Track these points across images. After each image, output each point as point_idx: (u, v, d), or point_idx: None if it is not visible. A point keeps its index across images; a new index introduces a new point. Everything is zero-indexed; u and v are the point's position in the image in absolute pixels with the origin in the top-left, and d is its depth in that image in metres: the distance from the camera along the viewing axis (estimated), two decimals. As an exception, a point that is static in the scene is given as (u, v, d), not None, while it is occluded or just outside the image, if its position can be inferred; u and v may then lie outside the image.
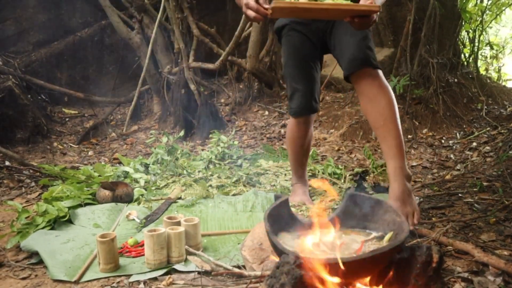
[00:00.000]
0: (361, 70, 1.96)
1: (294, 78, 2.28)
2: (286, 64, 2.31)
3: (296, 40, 2.22)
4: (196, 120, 4.54)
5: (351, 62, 1.97)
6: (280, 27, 2.28)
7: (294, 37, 2.22)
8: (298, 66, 2.26)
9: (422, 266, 1.13)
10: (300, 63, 2.25)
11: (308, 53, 2.24)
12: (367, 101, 1.97)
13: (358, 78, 1.99)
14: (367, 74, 1.95)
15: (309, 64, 2.25)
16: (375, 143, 3.85)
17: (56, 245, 1.96)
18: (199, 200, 2.63)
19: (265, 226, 1.24)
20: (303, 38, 2.21)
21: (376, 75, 1.97)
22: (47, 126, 4.38)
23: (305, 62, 2.25)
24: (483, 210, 2.19)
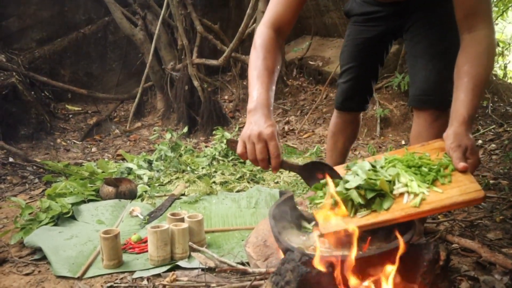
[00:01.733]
0: (427, 110, 1.72)
1: (349, 59, 2.03)
2: (343, 47, 2.08)
3: (361, 33, 1.97)
4: (200, 116, 4.53)
5: (417, 96, 1.74)
6: (347, 12, 2.05)
7: (361, 31, 1.97)
8: (355, 49, 2.00)
9: (429, 264, 1.11)
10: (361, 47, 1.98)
11: (372, 45, 1.98)
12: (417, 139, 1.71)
13: (420, 114, 1.76)
14: (432, 115, 1.71)
15: (371, 52, 1.99)
16: (379, 140, 3.84)
17: (59, 241, 1.96)
18: (203, 196, 2.62)
19: (270, 222, 1.22)
20: (371, 33, 1.94)
21: (441, 116, 1.69)
22: (51, 123, 4.39)
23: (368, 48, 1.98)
24: (490, 208, 2.16)
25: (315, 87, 5.09)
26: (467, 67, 1.39)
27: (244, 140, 1.30)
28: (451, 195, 1.18)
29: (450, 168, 1.26)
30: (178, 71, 4.85)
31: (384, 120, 4.01)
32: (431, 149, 1.38)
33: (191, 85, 4.62)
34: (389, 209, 1.18)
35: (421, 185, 1.22)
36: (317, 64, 5.21)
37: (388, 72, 4.53)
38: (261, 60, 1.43)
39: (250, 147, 1.28)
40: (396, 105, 4.13)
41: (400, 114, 4.04)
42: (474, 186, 1.19)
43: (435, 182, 1.24)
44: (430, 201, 1.18)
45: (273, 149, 1.26)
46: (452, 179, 1.23)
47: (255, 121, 1.30)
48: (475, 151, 1.29)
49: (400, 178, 1.25)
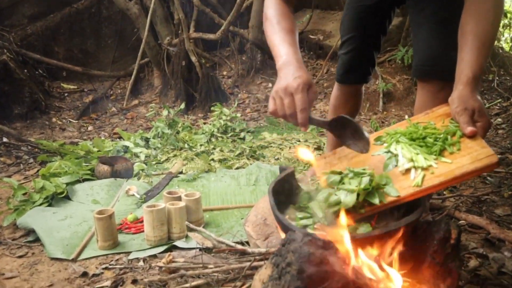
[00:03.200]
0: (431, 81, 1.62)
1: (349, 29, 1.92)
2: (343, 16, 1.97)
3: (362, 0, 1.86)
4: (198, 93, 4.42)
5: (421, 66, 1.64)
6: None
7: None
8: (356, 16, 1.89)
9: (440, 242, 1.04)
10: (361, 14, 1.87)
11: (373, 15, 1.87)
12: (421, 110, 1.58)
13: (424, 85, 1.66)
14: (436, 86, 1.60)
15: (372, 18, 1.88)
16: (382, 115, 3.74)
17: (53, 222, 1.90)
18: (201, 174, 2.55)
19: (270, 200, 1.15)
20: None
21: (445, 87, 1.56)
22: (46, 102, 4.28)
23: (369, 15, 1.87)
24: (497, 183, 2.09)
25: (316, 62, 4.95)
26: (472, 24, 1.28)
27: (273, 96, 1.24)
28: (461, 164, 1.08)
29: (458, 134, 1.16)
30: (175, 46, 4.70)
31: (387, 95, 3.91)
32: (436, 116, 1.28)
33: (189, 60, 4.49)
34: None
35: (427, 157, 1.13)
36: (318, 38, 5.06)
37: (391, 45, 4.38)
38: (277, 26, 1.37)
39: (278, 102, 1.22)
40: (399, 79, 4.01)
41: (403, 89, 3.93)
42: (486, 151, 1.08)
43: (443, 152, 1.14)
44: (439, 173, 1.09)
45: (298, 102, 1.18)
46: (461, 146, 1.13)
47: (284, 75, 1.23)
48: (483, 113, 1.18)
49: (404, 153, 1.16)
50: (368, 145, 1.16)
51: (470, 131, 1.13)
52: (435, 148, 1.14)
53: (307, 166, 2.67)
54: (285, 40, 1.32)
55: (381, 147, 1.25)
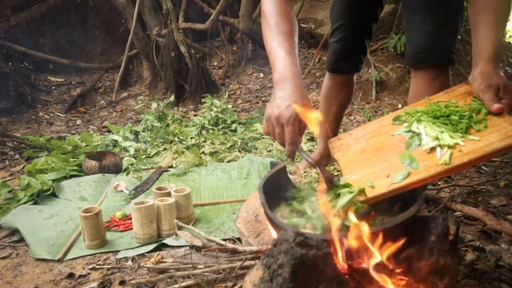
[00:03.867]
0: (425, 68, 1.58)
1: (339, 16, 1.87)
2: (334, 3, 1.92)
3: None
4: (188, 84, 4.33)
5: (414, 53, 1.59)
6: None
7: None
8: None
9: (438, 239, 1.00)
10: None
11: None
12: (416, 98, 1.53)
13: (418, 73, 1.61)
14: (431, 74, 1.57)
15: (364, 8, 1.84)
16: (375, 104, 3.70)
17: (38, 221, 1.84)
18: (192, 168, 2.49)
19: (260, 198, 1.10)
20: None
21: (440, 74, 1.56)
22: (32, 95, 4.18)
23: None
24: (492, 173, 2.06)
25: (307, 51, 4.88)
26: (483, 1, 1.21)
27: (266, 120, 1.19)
28: (490, 141, 1.03)
29: (483, 112, 1.11)
30: (164, 37, 4.60)
31: (380, 84, 3.86)
32: (456, 95, 1.23)
33: (178, 51, 4.40)
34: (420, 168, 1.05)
35: (454, 135, 1.07)
36: (309, 27, 4.98)
37: (383, 33, 4.32)
38: (275, 28, 1.28)
39: (271, 128, 1.18)
40: (392, 67, 3.96)
41: (396, 77, 3.88)
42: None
43: (469, 130, 1.08)
44: (467, 151, 1.03)
45: (288, 135, 1.13)
46: (488, 124, 1.08)
47: (279, 98, 1.16)
48: (508, 89, 1.13)
49: (428, 132, 1.11)
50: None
51: (497, 108, 1.09)
52: (461, 125, 1.09)
53: (300, 159, 2.63)
54: (283, 47, 1.24)
55: (401, 127, 1.20)
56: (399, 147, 1.15)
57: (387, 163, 1.13)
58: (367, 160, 1.19)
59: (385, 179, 1.09)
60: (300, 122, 1.15)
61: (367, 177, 1.13)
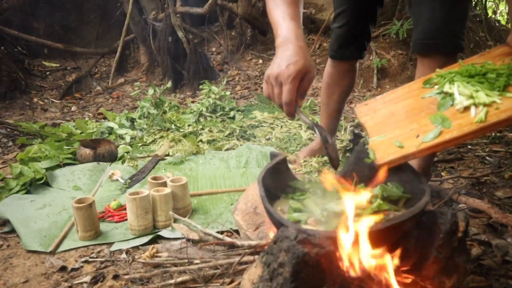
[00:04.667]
0: (433, 56, 1.50)
1: (342, 0, 1.81)
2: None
3: None
4: (186, 70, 4.25)
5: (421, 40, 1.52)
6: None
7: None
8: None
9: (446, 236, 0.95)
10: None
11: None
12: None
13: (424, 61, 1.54)
14: (438, 61, 1.47)
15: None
16: (376, 92, 3.63)
17: (30, 211, 1.78)
18: (189, 156, 2.44)
19: (259, 191, 1.05)
20: None
21: (447, 62, 1.45)
22: (26, 81, 4.09)
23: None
24: (496, 164, 2.01)
25: (307, 37, 4.79)
26: None
27: (266, 80, 1.14)
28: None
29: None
30: (161, 21, 4.49)
31: (381, 71, 3.78)
32: (493, 57, 1.15)
33: (175, 36, 4.30)
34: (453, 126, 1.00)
35: (490, 93, 1.01)
36: (310, 12, 4.88)
37: (385, 19, 4.23)
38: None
39: (270, 89, 1.13)
40: (394, 54, 3.88)
41: (398, 64, 3.81)
42: None
43: (507, 88, 1.01)
44: (505, 108, 0.97)
45: (285, 94, 1.08)
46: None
47: (280, 57, 1.11)
48: None
49: (461, 91, 1.04)
50: (336, 166, 1.09)
51: None
52: (499, 83, 1.02)
53: (300, 147, 2.57)
54: (287, 13, 1.19)
55: (432, 89, 1.14)
56: (431, 109, 1.09)
57: (417, 124, 1.07)
58: (395, 123, 1.13)
59: (414, 139, 1.03)
60: (301, 82, 1.09)
61: (396, 138, 1.07)
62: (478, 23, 4.53)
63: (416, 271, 0.98)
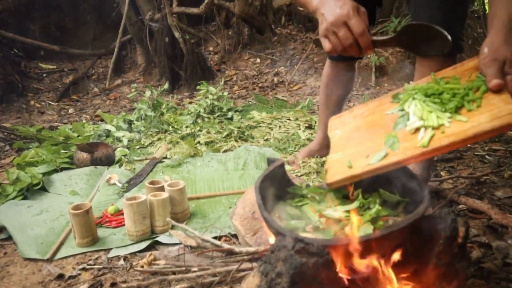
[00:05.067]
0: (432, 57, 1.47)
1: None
2: None
3: None
4: (183, 70, 4.23)
5: None
6: None
7: None
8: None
9: (446, 242, 0.94)
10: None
11: None
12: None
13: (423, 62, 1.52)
14: (437, 62, 1.43)
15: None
16: (374, 90, 3.61)
17: (27, 217, 1.77)
18: (187, 159, 2.42)
19: (256, 198, 1.03)
20: None
21: (447, 62, 1.43)
22: (22, 83, 4.06)
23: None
24: (496, 163, 2.00)
25: (305, 35, 4.77)
26: None
27: (325, 35, 1.13)
28: (477, 123, 0.94)
29: (482, 90, 1.00)
30: (157, 21, 4.47)
31: (379, 69, 3.77)
32: (464, 70, 1.12)
33: (172, 36, 4.28)
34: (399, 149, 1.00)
35: (441, 115, 0.99)
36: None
37: (383, 16, 4.20)
38: None
39: (333, 38, 1.12)
40: (392, 52, 3.86)
41: (396, 62, 3.79)
42: (509, 108, 0.92)
43: (460, 110, 1.00)
44: (450, 133, 0.96)
45: (355, 26, 1.08)
46: (483, 103, 0.98)
47: (326, 10, 1.12)
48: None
49: (415, 111, 1.04)
50: (447, 41, 1.07)
51: (495, 84, 0.97)
52: (451, 105, 1.01)
53: (298, 147, 2.56)
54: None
55: (396, 105, 1.14)
56: (389, 126, 1.09)
57: (372, 143, 1.08)
58: (356, 140, 1.14)
59: (364, 159, 1.04)
60: (359, 11, 1.10)
61: (350, 156, 1.08)
62: (476, 19, 4.50)
63: (416, 278, 0.97)
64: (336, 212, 1.00)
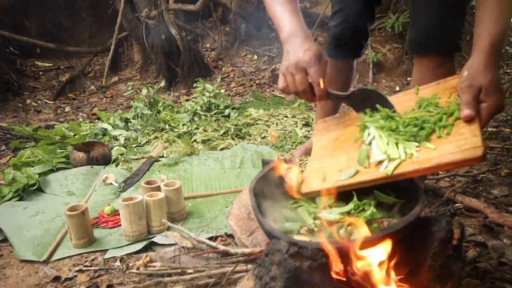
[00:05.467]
0: (430, 55, 1.48)
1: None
2: None
3: None
4: (180, 68, 4.22)
5: (418, 38, 1.49)
6: None
7: None
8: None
9: (441, 243, 0.94)
10: None
11: None
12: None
13: (421, 60, 1.53)
14: (435, 61, 1.47)
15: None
16: (372, 87, 3.60)
17: (23, 219, 1.76)
18: (183, 157, 2.42)
19: (251, 201, 1.03)
20: None
21: (445, 62, 1.47)
22: (18, 82, 4.05)
23: None
24: (493, 160, 2.00)
25: (302, 31, 4.75)
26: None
27: (283, 73, 1.16)
28: (443, 153, 0.95)
29: (455, 116, 1.00)
30: (154, 18, 4.45)
31: (377, 65, 3.76)
32: (446, 88, 1.12)
33: (169, 33, 4.26)
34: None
35: (408, 145, 1.00)
36: (304, 6, 4.84)
37: (380, 12, 4.18)
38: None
39: (290, 79, 1.15)
40: (389, 48, 3.85)
41: (394, 58, 3.78)
42: (474, 141, 0.92)
43: (431, 136, 1.00)
44: (415, 160, 0.97)
45: (314, 75, 1.11)
46: (452, 130, 0.98)
47: (291, 49, 1.15)
48: (492, 92, 0.99)
49: (379, 145, 1.04)
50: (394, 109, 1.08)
51: (466, 115, 0.98)
52: (422, 133, 1.01)
53: (295, 145, 2.55)
54: (287, 9, 1.24)
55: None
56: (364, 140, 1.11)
57: (346, 157, 1.10)
58: (334, 150, 1.16)
59: (336, 173, 1.06)
60: (320, 60, 1.13)
61: (326, 168, 1.11)
62: (473, 15, 4.49)
63: (410, 279, 0.96)
64: (331, 214, 1.00)
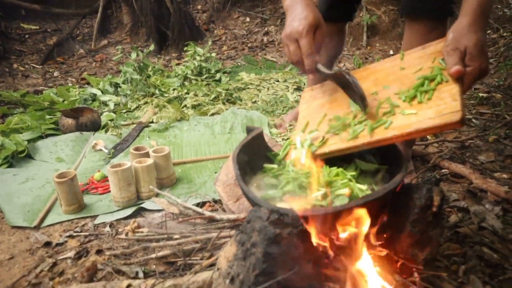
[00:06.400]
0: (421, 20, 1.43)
1: None
2: None
3: None
4: (170, 31, 4.11)
5: (409, 2, 1.44)
6: None
7: None
8: None
9: (421, 210, 0.96)
10: None
11: None
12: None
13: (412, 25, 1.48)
14: (426, 26, 1.42)
15: None
16: (365, 51, 3.55)
17: (13, 186, 1.77)
18: (173, 123, 2.40)
19: (234, 169, 1.03)
20: None
21: (437, 27, 1.41)
22: (4, 45, 3.93)
23: None
24: (482, 126, 2.00)
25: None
26: None
27: (283, 43, 1.19)
28: (423, 118, 0.96)
29: (436, 81, 1.01)
30: (142, -22, 4.28)
31: (371, 28, 3.68)
32: (431, 52, 1.13)
33: (158, -6, 4.12)
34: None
35: (362, 183, 1.06)
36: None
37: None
38: None
39: (286, 50, 1.17)
40: (384, 10, 3.76)
41: (388, 21, 3.70)
42: (454, 105, 0.93)
43: (412, 101, 1.03)
44: (395, 126, 1.00)
45: (304, 47, 1.12)
46: (434, 95, 0.99)
47: (290, 18, 1.15)
48: (476, 55, 0.98)
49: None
50: (365, 105, 1.08)
51: (455, 71, 0.97)
52: (410, 94, 1.05)
53: (286, 110, 2.54)
54: None
55: None
56: (348, 108, 1.15)
57: (326, 126, 1.14)
58: (318, 119, 1.19)
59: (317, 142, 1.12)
60: (315, 34, 1.13)
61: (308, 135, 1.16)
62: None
63: (390, 245, 0.99)
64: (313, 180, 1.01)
